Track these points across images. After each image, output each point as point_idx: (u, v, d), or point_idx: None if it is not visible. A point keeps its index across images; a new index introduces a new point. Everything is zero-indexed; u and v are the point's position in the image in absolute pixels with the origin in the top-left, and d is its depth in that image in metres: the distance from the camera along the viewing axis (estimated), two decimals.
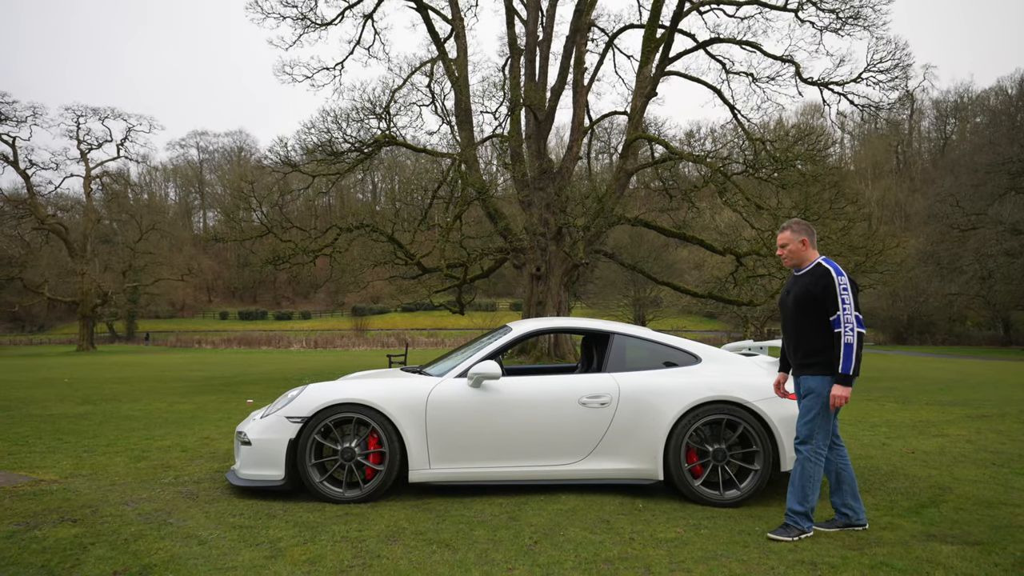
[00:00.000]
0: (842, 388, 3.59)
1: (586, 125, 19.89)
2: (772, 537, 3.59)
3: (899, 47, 17.52)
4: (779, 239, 3.95)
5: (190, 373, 18.87)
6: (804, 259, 3.88)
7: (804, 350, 3.77)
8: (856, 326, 3.59)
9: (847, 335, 3.57)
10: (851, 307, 3.62)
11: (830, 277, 3.68)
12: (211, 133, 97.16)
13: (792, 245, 3.89)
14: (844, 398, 3.59)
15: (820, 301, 3.69)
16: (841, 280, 3.65)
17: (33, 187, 43.89)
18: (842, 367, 3.57)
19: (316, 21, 18.66)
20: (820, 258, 3.83)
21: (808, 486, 3.66)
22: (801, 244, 3.88)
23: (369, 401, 4.37)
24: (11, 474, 5.19)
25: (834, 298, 3.64)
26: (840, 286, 3.64)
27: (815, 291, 3.70)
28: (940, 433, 7.24)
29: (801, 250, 3.88)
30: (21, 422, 8.28)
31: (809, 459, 3.69)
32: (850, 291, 3.64)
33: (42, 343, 60.16)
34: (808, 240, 3.88)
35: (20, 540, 3.55)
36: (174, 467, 5.44)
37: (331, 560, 3.27)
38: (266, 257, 18.03)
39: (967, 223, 41.33)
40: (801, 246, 3.88)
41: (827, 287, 3.66)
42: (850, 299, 3.63)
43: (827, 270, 3.72)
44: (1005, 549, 3.41)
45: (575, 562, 3.25)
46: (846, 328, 3.58)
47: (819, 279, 3.71)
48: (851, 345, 3.56)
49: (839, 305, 3.63)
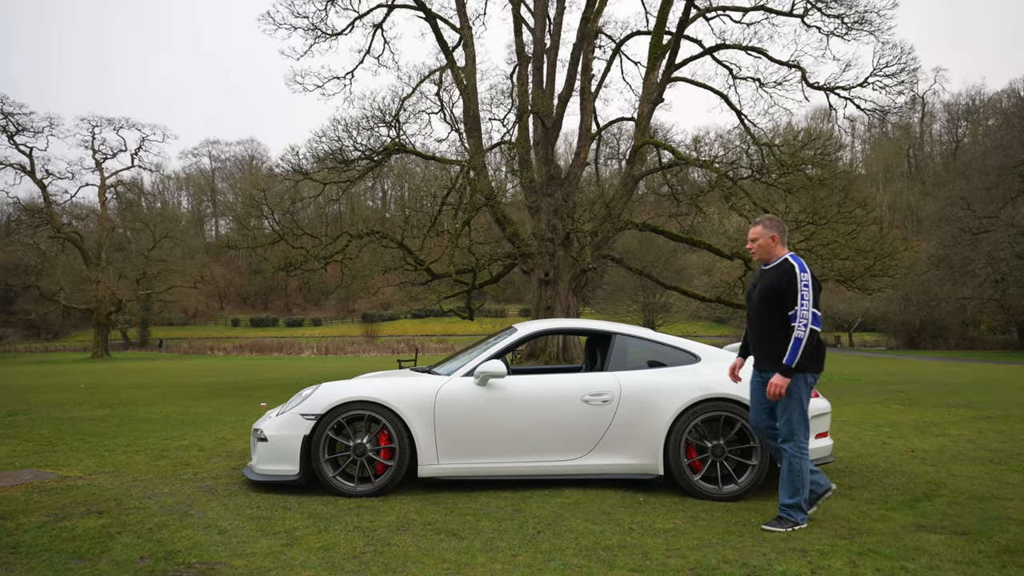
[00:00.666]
0: (781, 378, 3.72)
1: (593, 131, 20.08)
2: (767, 528, 3.73)
3: (905, 51, 17.60)
4: (750, 233, 4.08)
5: (204, 379, 19.16)
6: (772, 254, 4.00)
7: (768, 344, 3.89)
8: (811, 322, 3.71)
9: (799, 329, 3.69)
10: (809, 303, 3.73)
11: (793, 273, 3.80)
12: (223, 142, 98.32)
13: (762, 240, 4.01)
14: (780, 387, 3.71)
15: (783, 296, 3.81)
16: (804, 276, 3.77)
17: (49, 196, 44.61)
18: (787, 358, 3.70)
19: (327, 31, 18.99)
20: (787, 254, 3.95)
21: (798, 480, 3.79)
22: (771, 240, 4.00)
23: (380, 399, 4.55)
24: (38, 471, 5.41)
25: (795, 294, 3.76)
26: (802, 282, 3.76)
27: (779, 286, 3.82)
28: (942, 433, 7.32)
29: (770, 245, 4.00)
30: (43, 424, 8.53)
31: (795, 455, 3.81)
32: (811, 288, 3.76)
33: (57, 350, 60.95)
34: (778, 236, 4.00)
35: (51, 530, 3.75)
36: (193, 465, 5.64)
37: (344, 547, 3.45)
38: (278, 264, 18.31)
39: (979, 226, 41.08)
40: (771, 241, 3.99)
41: (790, 282, 3.79)
42: (810, 296, 3.74)
43: (792, 266, 3.84)
44: (991, 538, 3.54)
45: (576, 549, 3.41)
46: (800, 323, 3.71)
47: (783, 274, 3.84)
48: (800, 340, 3.68)
49: (798, 300, 3.74)
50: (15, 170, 42.96)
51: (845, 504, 4.30)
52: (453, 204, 18.15)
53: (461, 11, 18.90)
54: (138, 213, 53.44)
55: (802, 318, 3.71)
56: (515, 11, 19.44)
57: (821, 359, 3.87)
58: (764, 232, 4.01)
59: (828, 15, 17.40)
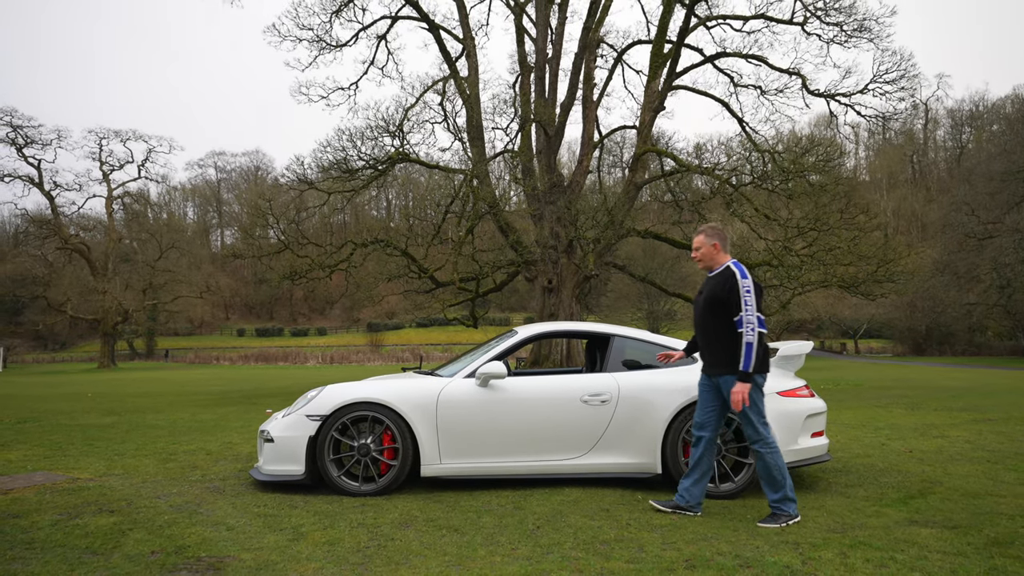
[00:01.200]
0: (741, 385, 3.83)
1: (596, 139, 20.25)
2: (762, 525, 3.82)
3: (904, 58, 17.74)
4: (694, 243, 4.21)
5: (210, 387, 19.30)
6: (715, 262, 4.13)
7: (715, 349, 4.02)
8: (757, 326, 3.82)
9: (748, 335, 3.80)
10: (753, 308, 3.84)
11: (735, 279, 3.92)
12: (228, 153, 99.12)
13: (704, 248, 4.14)
14: (743, 393, 3.82)
15: (725, 302, 3.93)
16: (745, 282, 3.89)
17: (57, 208, 45.05)
18: (742, 364, 3.81)
19: (331, 43, 19.24)
20: (730, 261, 4.07)
21: (777, 474, 3.90)
22: (713, 248, 4.13)
23: (383, 400, 4.66)
24: (50, 473, 5.52)
25: (738, 299, 3.88)
26: (743, 288, 3.87)
27: (721, 293, 3.95)
28: (941, 435, 7.38)
29: (713, 253, 4.13)
30: (52, 431, 8.65)
31: (766, 452, 3.93)
32: (753, 293, 3.87)
33: (64, 361, 61.30)
34: (719, 244, 4.13)
35: (64, 527, 3.86)
36: (200, 467, 5.75)
37: (349, 542, 3.55)
38: (283, 272, 18.47)
39: (984, 232, 41.04)
40: (712, 249, 4.13)
41: (732, 289, 3.91)
42: (752, 300, 3.86)
43: (733, 272, 3.96)
44: (981, 531, 3.61)
45: (574, 543, 3.50)
46: (747, 328, 3.82)
47: (726, 281, 3.96)
48: (751, 344, 3.80)
49: (742, 306, 3.86)
50: (23, 182, 43.44)
51: (840, 501, 4.37)
52: (457, 212, 18.31)
53: (464, 22, 19.13)
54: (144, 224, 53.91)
55: (748, 323, 3.83)
56: (517, 22, 19.67)
57: (767, 360, 4.00)
58: (706, 241, 4.14)
59: (827, 23, 17.57)
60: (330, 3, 18.94)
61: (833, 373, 24.94)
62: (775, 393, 4.69)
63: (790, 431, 4.64)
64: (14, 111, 41.97)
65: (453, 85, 19.01)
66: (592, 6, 19.09)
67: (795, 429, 4.67)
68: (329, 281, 19.73)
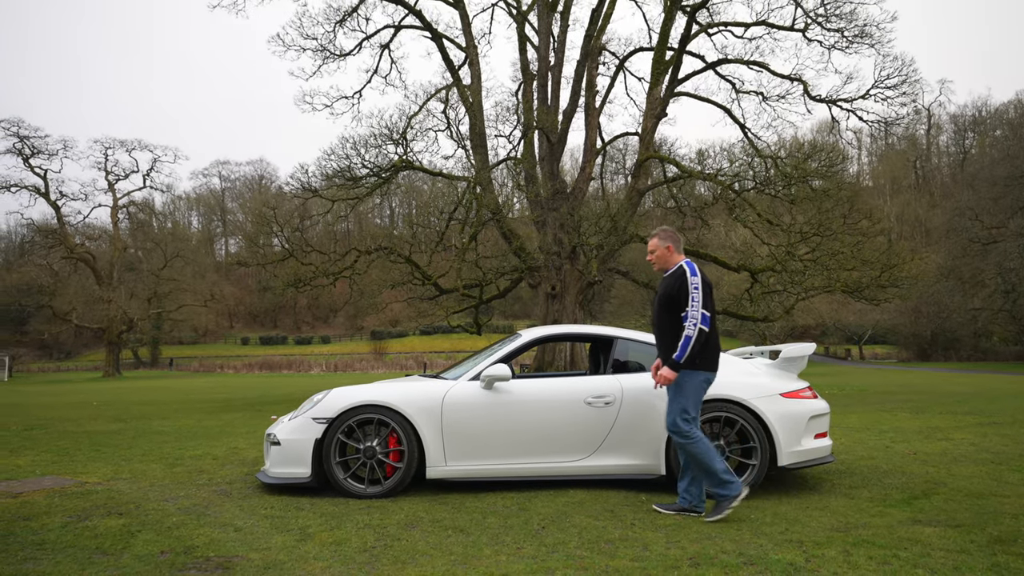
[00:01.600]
0: (669, 371, 3.98)
1: (598, 146, 20.31)
2: (711, 520, 3.90)
3: (906, 63, 17.78)
4: (649, 246, 4.34)
5: (214, 395, 19.36)
6: (669, 263, 4.25)
7: (667, 346, 4.10)
8: (700, 322, 3.94)
9: (689, 328, 3.94)
10: (699, 304, 3.96)
11: (684, 277, 4.04)
12: (233, 162, 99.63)
13: (659, 251, 4.26)
14: (668, 379, 3.96)
15: (676, 299, 4.05)
16: (694, 280, 4.01)
17: (63, 217, 45.30)
18: (676, 354, 3.96)
19: (335, 52, 19.38)
20: (683, 261, 4.18)
21: (705, 460, 3.97)
22: (666, 250, 4.25)
23: (389, 403, 4.70)
24: (58, 478, 5.57)
25: (686, 296, 4.00)
26: (692, 285, 4.00)
27: (673, 291, 4.07)
28: (946, 437, 7.38)
29: (666, 255, 4.25)
30: (59, 437, 8.71)
31: (686, 443, 4.01)
32: (700, 290, 3.99)
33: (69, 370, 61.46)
34: (673, 246, 4.25)
35: (74, 529, 3.90)
36: (207, 471, 5.79)
37: (355, 542, 3.58)
38: (288, 280, 18.54)
39: (988, 237, 40.96)
40: (666, 251, 4.25)
41: (682, 286, 4.03)
42: (699, 297, 3.98)
43: (684, 271, 4.09)
44: (984, 530, 3.62)
45: (579, 542, 3.53)
46: (690, 322, 3.95)
47: (677, 279, 4.08)
48: (690, 338, 3.93)
49: (689, 302, 3.98)
50: (30, 192, 43.71)
51: (844, 502, 4.39)
52: (460, 219, 18.37)
53: (466, 31, 19.26)
54: (149, 233, 54.15)
55: (692, 318, 3.96)
56: (519, 30, 19.80)
57: (714, 359, 4.09)
58: (660, 243, 4.26)
59: (829, 29, 17.63)
60: (334, 13, 19.11)
61: (838, 379, 24.88)
62: (778, 394, 4.72)
63: (794, 432, 4.66)
64: (21, 121, 42.30)
65: (456, 93, 19.12)
66: (594, 14, 19.21)
67: (799, 430, 4.69)
68: (333, 289, 19.80)
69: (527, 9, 19.94)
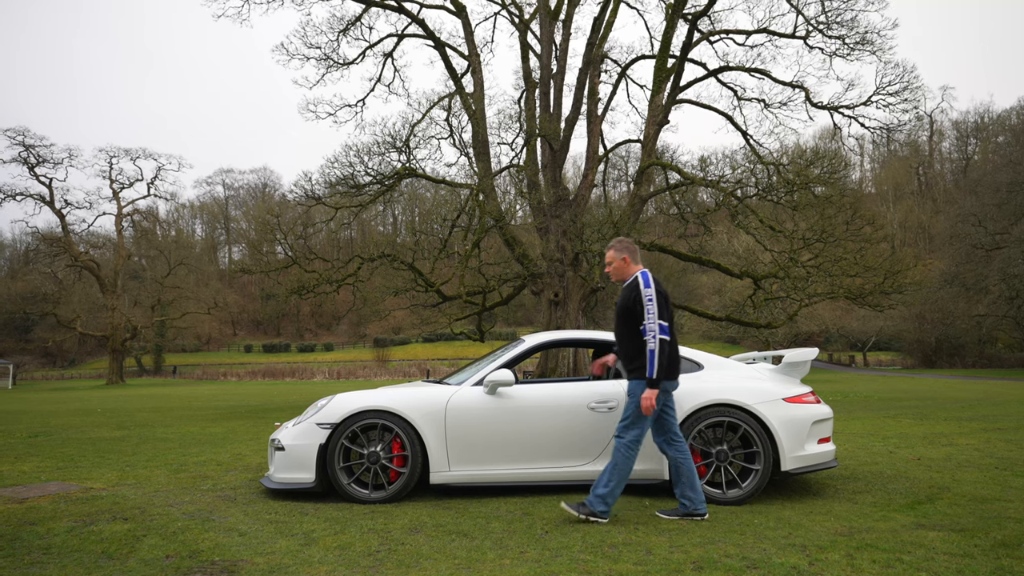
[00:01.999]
0: (650, 391, 3.95)
1: (601, 153, 20.38)
2: (564, 506, 4.01)
3: (907, 70, 17.83)
4: (606, 258, 4.35)
5: (218, 402, 19.39)
6: (626, 273, 4.26)
7: (626, 356, 4.14)
8: (659, 333, 3.94)
9: (651, 342, 3.93)
10: (654, 316, 3.96)
11: (639, 288, 4.05)
12: (236, 170, 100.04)
13: (615, 262, 4.29)
14: (650, 399, 3.94)
15: (632, 310, 4.06)
16: (648, 291, 4.01)
17: (67, 226, 45.51)
18: (648, 372, 3.94)
19: (338, 61, 19.51)
20: (638, 272, 4.18)
21: (615, 475, 4.00)
22: (623, 261, 4.27)
23: (392, 408, 4.71)
24: (63, 483, 5.59)
25: (641, 308, 4.00)
26: (646, 297, 4.00)
27: (629, 302, 4.09)
28: (950, 443, 7.36)
29: (623, 266, 4.27)
30: (64, 444, 8.73)
31: (619, 451, 4.04)
32: (655, 301, 3.99)
33: (72, 377, 61.58)
34: (628, 257, 4.26)
35: (80, 533, 3.92)
36: (211, 477, 5.81)
37: (360, 546, 3.59)
38: (291, 287, 18.60)
39: (991, 243, 40.91)
40: (623, 263, 4.27)
41: (636, 298, 4.04)
42: (654, 308, 3.97)
43: (638, 282, 4.09)
44: (988, 534, 3.62)
45: (582, 546, 3.54)
46: (650, 336, 3.94)
47: (632, 291, 4.10)
48: (654, 351, 3.93)
49: (645, 314, 3.98)
50: (35, 200, 43.95)
51: (847, 506, 4.39)
52: (463, 227, 18.43)
53: (469, 39, 19.38)
54: (153, 241, 54.36)
55: (650, 331, 3.95)
56: (522, 38, 19.90)
57: (674, 368, 4.09)
58: (615, 255, 4.29)
59: (830, 36, 17.70)
60: (337, 22, 19.25)
61: (842, 385, 24.82)
62: (781, 399, 4.73)
63: (797, 437, 4.66)
64: (26, 131, 42.60)
65: (459, 101, 19.22)
66: (596, 22, 19.31)
67: (802, 435, 4.69)
68: (336, 296, 19.84)
69: (529, 18, 20.06)
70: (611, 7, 19.16)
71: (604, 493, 4.00)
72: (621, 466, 4.04)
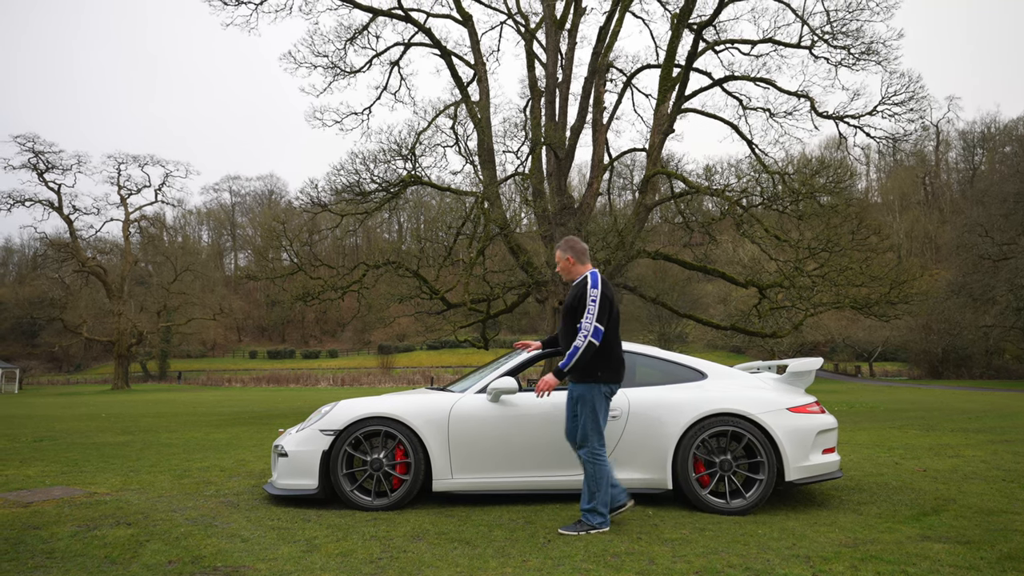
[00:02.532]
0: (551, 377, 4.03)
1: (606, 162, 20.42)
2: (563, 532, 3.92)
3: (913, 80, 17.82)
4: (555, 258, 4.37)
5: (222, 408, 19.42)
6: (574, 273, 4.28)
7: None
8: (591, 335, 3.94)
9: (579, 339, 3.95)
10: (593, 317, 3.96)
11: (585, 288, 4.06)
12: (243, 177, 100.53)
13: (562, 263, 4.31)
14: (548, 386, 4.03)
15: (576, 309, 4.07)
16: (593, 292, 4.01)
17: (75, 231, 45.77)
18: (561, 363, 3.99)
19: (345, 69, 19.62)
20: (587, 272, 4.19)
21: (594, 485, 3.99)
22: (567, 261, 4.29)
23: (396, 415, 4.72)
24: (68, 488, 5.61)
25: (583, 306, 4.01)
26: (590, 297, 4.00)
27: (574, 301, 4.10)
28: (956, 454, 7.31)
29: (570, 266, 4.29)
30: (68, 448, 8.76)
31: (590, 461, 4.02)
32: (598, 303, 3.98)
33: (78, 383, 61.78)
34: (573, 257, 4.27)
35: (83, 538, 3.93)
36: (215, 483, 5.81)
37: (362, 553, 3.59)
38: (296, 294, 18.64)
39: (999, 253, 40.68)
40: (568, 263, 4.29)
41: (581, 296, 4.05)
42: (595, 309, 3.97)
43: (586, 281, 4.10)
44: (994, 546, 3.59)
45: (585, 555, 3.52)
46: (581, 334, 3.95)
47: (578, 289, 4.11)
48: (577, 348, 3.95)
49: (585, 312, 3.99)
50: (44, 206, 44.23)
51: (852, 518, 4.36)
52: (468, 234, 18.46)
53: (475, 48, 19.48)
54: (160, 247, 54.61)
55: (584, 329, 3.96)
56: (528, 48, 19.99)
57: (614, 370, 4.08)
58: (562, 255, 4.32)
59: (835, 46, 17.72)
60: (345, 31, 19.38)
61: (847, 396, 24.69)
62: (785, 409, 4.71)
63: (801, 447, 4.64)
64: (36, 137, 42.97)
65: (464, 109, 19.29)
66: (601, 32, 19.39)
67: (806, 445, 4.67)
68: (341, 303, 19.87)
69: (535, 27, 20.16)
70: (616, 17, 19.24)
71: (592, 507, 3.98)
72: (595, 474, 4.03)
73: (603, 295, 4.02)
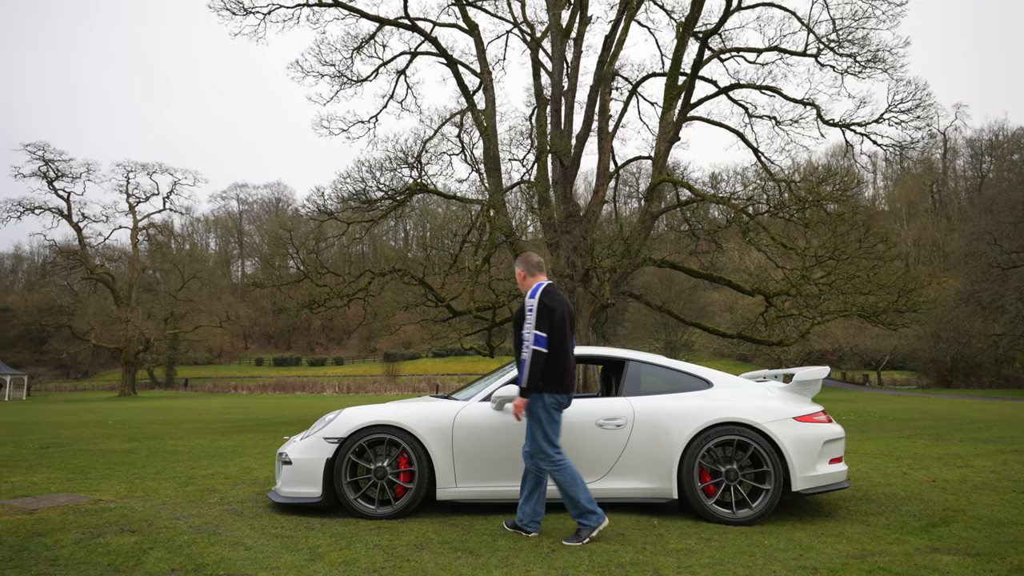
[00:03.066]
0: (520, 399, 4.02)
1: (611, 170, 20.41)
2: (568, 543, 3.90)
3: (919, 87, 17.76)
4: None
5: (228, 416, 19.44)
6: (525, 286, 4.30)
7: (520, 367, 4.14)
8: (533, 343, 3.95)
9: (525, 351, 3.97)
10: (531, 326, 3.97)
11: (525, 300, 4.10)
12: (251, 185, 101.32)
13: (517, 277, 4.38)
14: (519, 407, 4.01)
15: (521, 321, 4.10)
16: (531, 302, 4.04)
17: (84, 239, 46.09)
18: (519, 379, 4.00)
19: (352, 78, 19.73)
20: (536, 284, 4.20)
21: (570, 490, 3.98)
22: (519, 275, 4.35)
23: (400, 423, 4.71)
24: (72, 495, 5.61)
25: (524, 318, 4.05)
26: (527, 307, 4.03)
27: (519, 314, 4.15)
28: (966, 464, 7.23)
29: (522, 280, 4.33)
30: (74, 455, 8.78)
31: (552, 470, 4.03)
32: (535, 311, 3.99)
33: (85, 389, 62.02)
34: (524, 271, 4.32)
35: (87, 545, 3.93)
36: (219, 490, 5.81)
37: (365, 563, 3.57)
38: (303, 301, 18.69)
39: (1007, 261, 40.41)
40: (520, 277, 4.35)
41: (522, 308, 4.10)
42: (533, 319, 3.98)
43: (528, 294, 4.12)
44: (1004, 559, 3.54)
45: (589, 566, 3.49)
46: (525, 345, 3.97)
47: (524, 302, 4.14)
48: (524, 361, 3.96)
49: (524, 324, 4.02)
50: (53, 214, 44.57)
51: (860, 529, 4.31)
52: (473, 242, 18.48)
53: (481, 57, 19.56)
54: (167, 254, 54.89)
55: (526, 340, 3.99)
56: (533, 56, 20.06)
57: (558, 379, 4.05)
58: (517, 269, 4.40)
59: (841, 54, 17.69)
60: (352, 40, 19.49)
61: (856, 405, 24.51)
62: (792, 418, 4.67)
63: (808, 457, 4.60)
64: (46, 146, 43.32)
65: (470, 117, 19.36)
66: (607, 40, 19.44)
67: (813, 455, 4.62)
68: (347, 310, 19.90)
69: (541, 36, 20.24)
70: (622, 25, 19.29)
71: (578, 511, 3.99)
72: (565, 481, 4.02)
73: (540, 303, 4.03)
